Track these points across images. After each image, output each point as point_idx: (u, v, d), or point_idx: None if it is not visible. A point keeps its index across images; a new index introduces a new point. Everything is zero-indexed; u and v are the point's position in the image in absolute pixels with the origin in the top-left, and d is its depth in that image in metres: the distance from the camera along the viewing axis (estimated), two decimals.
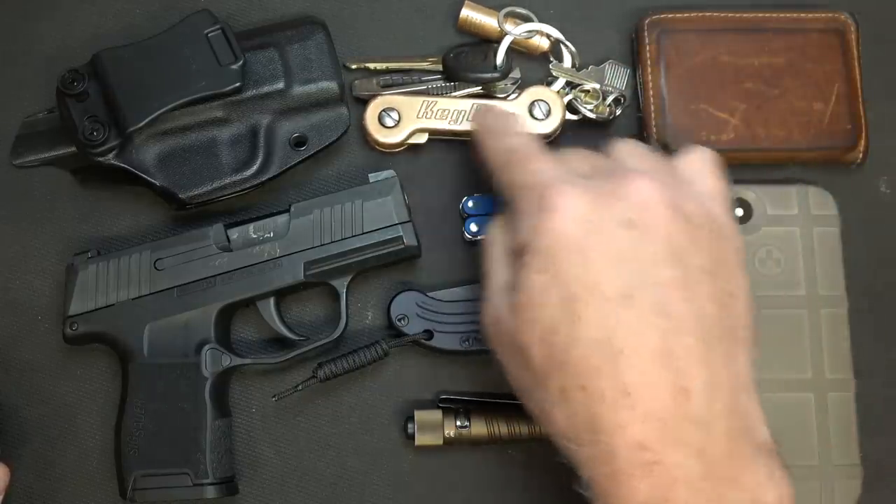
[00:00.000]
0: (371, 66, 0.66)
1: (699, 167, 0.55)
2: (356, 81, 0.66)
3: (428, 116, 0.64)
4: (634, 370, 0.48)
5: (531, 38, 0.66)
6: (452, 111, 0.64)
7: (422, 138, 0.65)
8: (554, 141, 0.65)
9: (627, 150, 0.55)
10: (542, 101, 0.65)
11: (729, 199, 0.55)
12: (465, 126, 0.64)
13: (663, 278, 0.49)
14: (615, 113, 0.66)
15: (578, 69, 0.66)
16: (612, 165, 0.54)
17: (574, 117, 0.66)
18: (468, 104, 0.65)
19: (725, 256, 0.51)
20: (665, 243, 0.50)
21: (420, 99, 0.64)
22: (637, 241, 0.49)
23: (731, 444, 0.48)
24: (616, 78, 0.66)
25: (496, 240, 0.56)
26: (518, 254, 0.52)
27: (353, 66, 0.66)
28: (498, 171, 0.57)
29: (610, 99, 0.66)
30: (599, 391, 0.48)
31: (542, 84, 0.66)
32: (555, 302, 0.49)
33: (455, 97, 0.65)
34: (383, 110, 0.64)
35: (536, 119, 0.65)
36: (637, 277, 0.49)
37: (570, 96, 0.66)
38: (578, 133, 0.66)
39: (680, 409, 0.47)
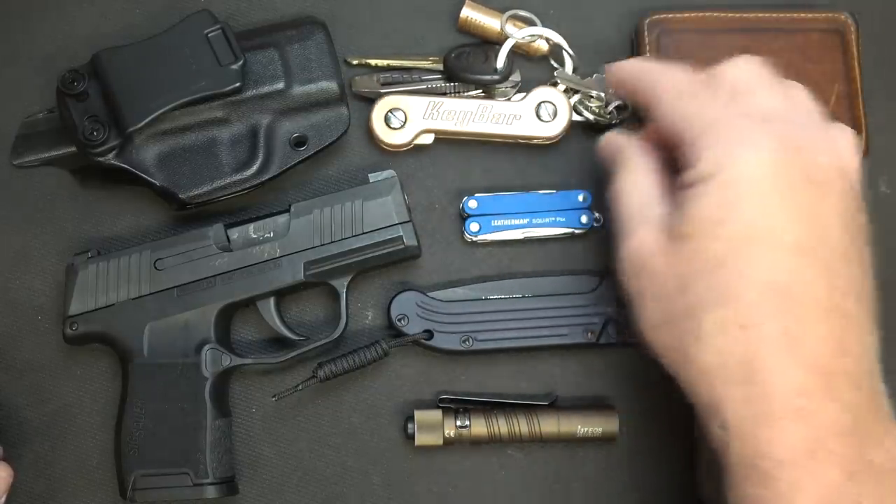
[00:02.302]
0: (372, 62, 0.66)
1: (848, 143, 0.54)
2: (356, 78, 0.66)
3: (434, 117, 0.64)
4: (803, 319, 0.48)
5: (533, 41, 0.66)
6: (459, 112, 0.64)
7: (428, 139, 0.65)
8: (560, 141, 0.65)
9: (802, 97, 0.55)
10: (548, 102, 0.65)
11: None
12: (470, 127, 0.64)
13: (835, 240, 0.50)
14: (617, 119, 0.66)
15: (583, 76, 0.66)
16: (793, 114, 0.53)
17: (578, 118, 0.66)
18: (475, 105, 0.65)
19: (864, 230, 0.53)
20: (840, 206, 0.51)
21: (426, 99, 0.64)
22: (818, 199, 0.50)
23: (875, 405, 0.49)
24: None
25: (640, 183, 0.55)
26: (688, 185, 0.51)
27: (354, 62, 0.66)
28: (675, 99, 0.54)
29: (612, 106, 0.66)
30: (763, 335, 0.48)
31: (545, 85, 0.65)
32: (728, 237, 0.49)
33: (461, 98, 0.65)
34: (389, 111, 0.64)
35: (543, 121, 0.64)
36: (814, 233, 0.49)
37: (574, 99, 0.66)
38: (581, 135, 0.66)
39: (839, 363, 0.48)
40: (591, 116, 0.66)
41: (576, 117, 0.66)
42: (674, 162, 0.54)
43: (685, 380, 0.51)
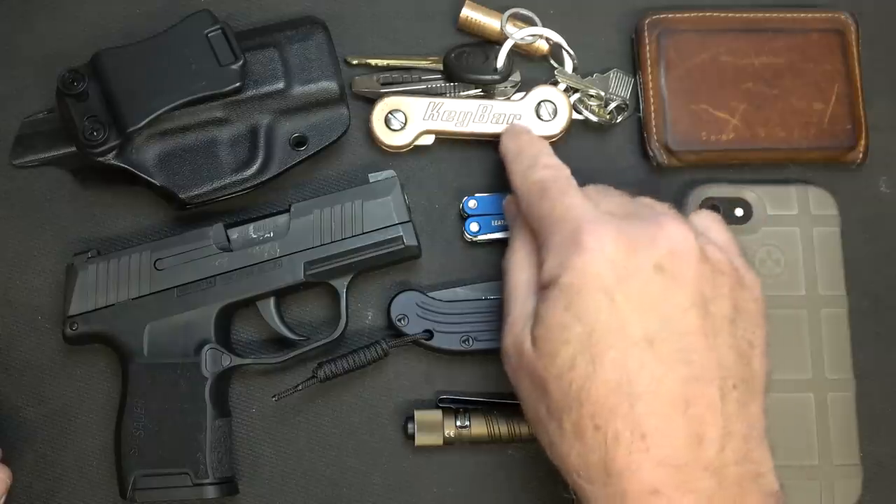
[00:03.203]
0: (371, 61, 0.66)
1: (709, 222, 0.55)
2: (356, 78, 0.66)
3: (434, 118, 0.64)
4: (652, 415, 0.48)
5: (533, 42, 0.66)
6: (458, 113, 0.64)
7: (428, 140, 0.65)
8: (559, 141, 0.65)
9: (649, 200, 0.56)
10: (548, 101, 0.65)
11: (742, 251, 0.55)
12: (470, 128, 0.64)
13: (688, 326, 0.49)
14: (617, 119, 0.66)
15: (583, 76, 0.66)
16: (642, 209, 0.54)
17: (578, 117, 0.66)
18: (475, 105, 0.65)
19: (746, 305, 0.52)
20: (693, 290, 0.50)
21: (426, 100, 0.64)
22: (666, 287, 0.50)
23: (740, 492, 0.48)
24: (620, 86, 0.66)
25: (520, 266, 0.56)
26: (543, 286, 0.52)
27: (354, 62, 0.66)
28: (528, 200, 0.56)
29: (612, 106, 0.66)
30: (614, 432, 0.48)
31: (545, 84, 0.65)
32: (577, 339, 0.49)
33: (461, 98, 0.65)
34: (390, 112, 0.64)
35: (543, 120, 0.64)
36: (663, 323, 0.49)
37: (574, 97, 0.66)
38: (581, 134, 0.66)
39: (694, 456, 0.48)
40: (590, 115, 0.66)
41: (576, 116, 0.66)
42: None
43: (560, 470, 0.52)
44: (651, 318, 0.49)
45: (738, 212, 0.65)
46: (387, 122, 0.64)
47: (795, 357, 0.63)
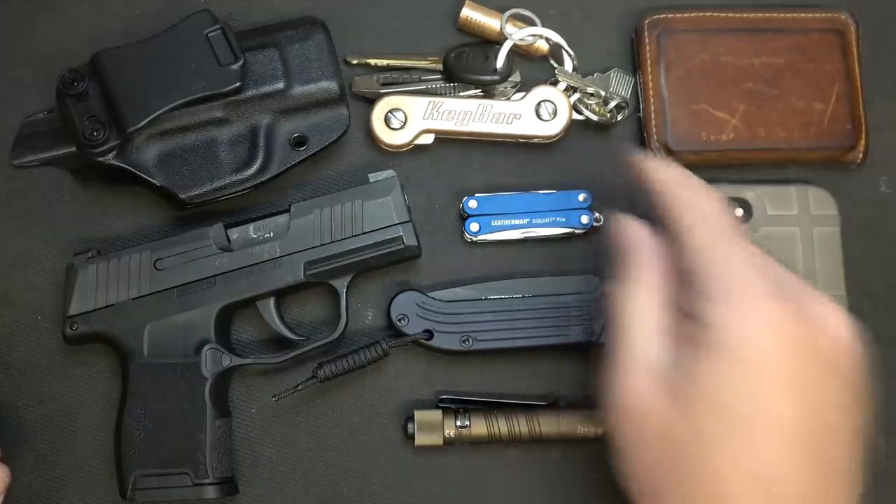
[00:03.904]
0: (371, 61, 0.66)
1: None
2: (356, 78, 0.66)
3: (434, 117, 0.64)
4: None
5: (533, 42, 0.66)
6: (458, 112, 0.64)
7: (428, 139, 0.65)
8: (559, 141, 0.65)
9: (801, 281, 0.52)
10: (548, 101, 0.65)
11: None
12: (470, 127, 0.64)
13: (833, 424, 0.48)
14: (617, 118, 0.66)
15: (583, 75, 0.66)
16: (794, 278, 0.51)
17: (579, 117, 0.66)
18: (475, 105, 0.65)
19: (861, 414, 0.50)
20: (844, 389, 0.48)
21: (426, 99, 0.64)
22: (824, 381, 0.48)
23: None
24: (620, 86, 0.66)
25: (643, 305, 0.51)
26: (698, 342, 0.48)
27: (354, 62, 0.66)
28: (700, 239, 0.50)
29: (612, 105, 0.66)
30: None
31: (545, 84, 0.65)
32: (732, 415, 0.46)
33: (461, 98, 0.65)
34: (389, 111, 0.64)
35: (543, 120, 0.64)
36: (814, 419, 0.47)
37: (574, 97, 0.66)
38: (581, 134, 0.66)
39: None
40: (590, 115, 0.66)
41: (576, 116, 0.66)
42: (685, 291, 0.50)
43: None
44: (806, 412, 0.47)
45: (738, 212, 0.65)
46: (387, 121, 0.64)
47: None
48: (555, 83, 0.66)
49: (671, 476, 0.48)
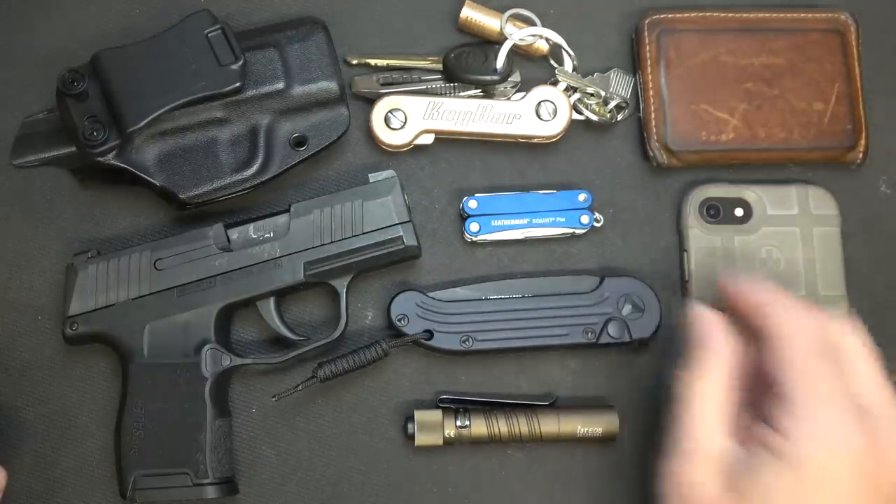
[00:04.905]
0: (371, 61, 0.66)
1: None
2: (355, 78, 0.66)
3: (434, 117, 0.64)
4: None
5: (533, 42, 0.66)
6: (458, 112, 0.64)
7: (428, 139, 0.65)
8: (559, 141, 0.65)
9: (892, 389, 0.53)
10: (548, 101, 0.65)
11: None
12: (470, 127, 0.64)
13: None
14: (617, 118, 0.66)
15: (583, 75, 0.66)
16: (888, 407, 0.52)
17: (579, 117, 0.66)
18: (475, 105, 0.65)
19: None
20: None
21: (426, 99, 0.64)
22: None
23: None
24: (620, 86, 0.66)
25: (710, 396, 0.53)
26: (765, 446, 0.50)
27: (354, 62, 0.66)
28: (786, 357, 0.52)
29: (612, 105, 0.66)
30: None
31: (545, 84, 0.65)
32: None
33: (461, 98, 0.65)
34: (389, 111, 0.64)
35: (543, 120, 0.64)
36: None
37: (574, 97, 0.66)
38: (581, 134, 0.66)
39: None
40: (590, 115, 0.66)
41: (576, 116, 0.66)
42: (757, 395, 0.53)
43: None
44: None
45: (738, 212, 0.65)
46: (387, 121, 0.64)
47: None
48: (555, 83, 0.66)
49: None
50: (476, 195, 0.64)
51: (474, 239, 0.64)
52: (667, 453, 0.53)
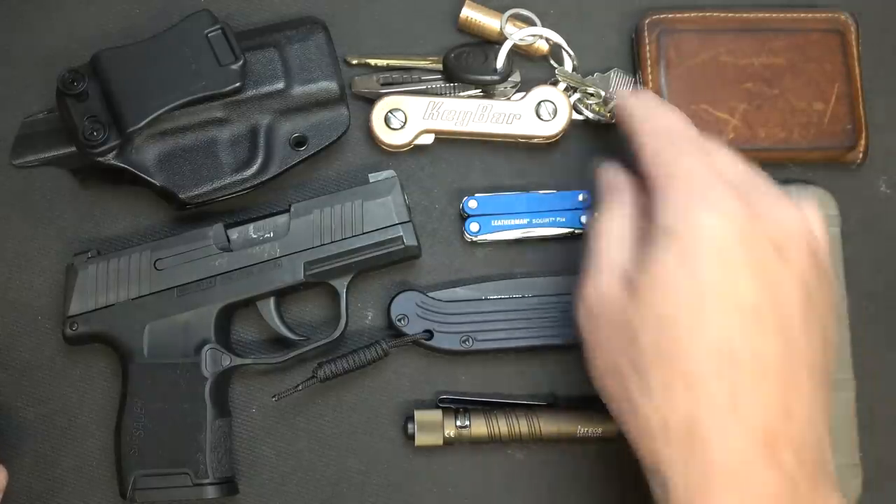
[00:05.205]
0: (371, 61, 0.66)
1: (815, 219, 0.54)
2: (355, 78, 0.66)
3: (434, 117, 0.64)
4: (748, 384, 0.48)
5: (533, 42, 0.66)
6: (458, 112, 0.64)
7: (428, 139, 0.65)
8: (559, 141, 0.65)
9: (765, 178, 0.54)
10: (548, 101, 0.65)
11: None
12: (470, 127, 0.64)
13: (793, 309, 0.49)
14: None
15: (583, 75, 0.66)
16: (762, 185, 0.53)
17: (579, 117, 0.66)
18: (475, 105, 0.65)
19: (830, 305, 0.52)
20: (801, 276, 0.50)
21: (426, 99, 0.64)
22: (780, 266, 0.49)
23: (815, 474, 0.48)
24: (620, 86, 0.66)
25: (615, 223, 0.54)
26: (651, 236, 0.51)
27: (354, 62, 0.66)
28: (654, 146, 0.54)
29: (612, 105, 0.66)
30: (708, 396, 0.47)
31: (545, 84, 0.65)
32: (684, 295, 0.49)
33: (461, 98, 0.65)
34: (389, 111, 0.64)
35: (543, 120, 0.64)
36: (771, 297, 0.49)
37: (574, 97, 0.66)
38: (581, 134, 0.66)
39: (782, 428, 0.48)
40: (590, 115, 0.66)
41: (575, 116, 0.66)
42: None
43: (628, 433, 0.51)
44: (762, 292, 0.49)
45: None
46: (387, 121, 0.64)
47: None
48: (555, 83, 0.66)
49: (636, 364, 0.50)
50: (476, 195, 0.64)
51: (474, 239, 0.64)
52: (578, 284, 0.54)
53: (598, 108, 0.66)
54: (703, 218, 0.49)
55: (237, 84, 0.60)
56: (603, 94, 0.66)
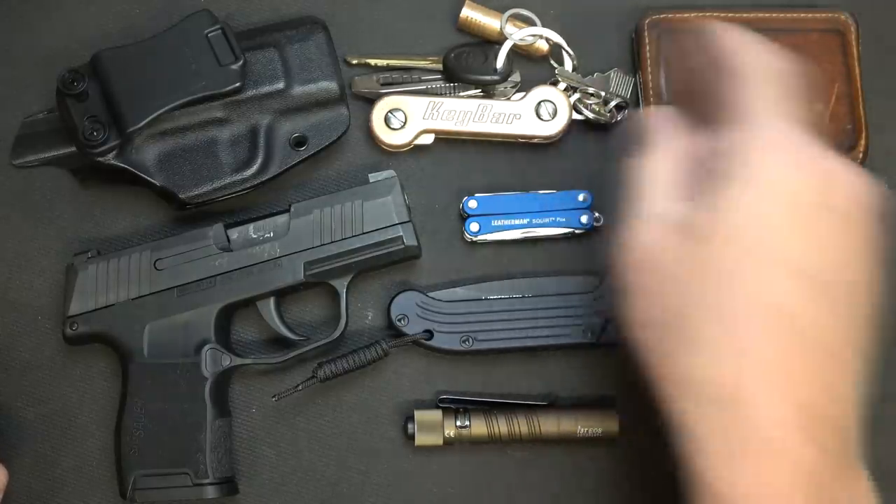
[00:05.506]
0: (371, 61, 0.66)
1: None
2: (355, 78, 0.66)
3: (434, 117, 0.64)
4: (800, 354, 0.45)
5: (533, 42, 0.66)
6: (458, 112, 0.64)
7: (428, 139, 0.65)
8: (559, 141, 0.65)
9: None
10: (548, 101, 0.65)
11: None
12: (470, 127, 0.64)
13: (849, 280, 0.47)
14: (617, 118, 0.66)
15: (583, 75, 0.66)
16: (826, 148, 0.49)
17: (579, 117, 0.66)
18: (475, 105, 0.65)
19: (879, 280, 0.49)
20: (861, 245, 0.47)
21: (426, 99, 0.64)
22: (840, 231, 0.47)
23: (849, 455, 0.47)
24: (621, 86, 0.66)
25: (666, 158, 0.50)
26: (718, 185, 0.47)
27: (354, 62, 0.66)
28: (746, 92, 0.49)
29: (612, 105, 0.66)
30: (760, 361, 0.45)
31: (545, 84, 0.65)
32: (746, 251, 0.46)
33: (461, 98, 0.65)
34: (389, 111, 0.64)
35: (543, 120, 0.64)
36: (831, 267, 0.46)
37: (574, 97, 0.66)
38: (581, 134, 0.66)
39: (825, 406, 0.46)
40: (590, 115, 0.66)
41: (576, 116, 0.66)
42: (703, 152, 0.50)
43: (661, 387, 0.48)
44: (823, 259, 0.46)
45: None
46: (387, 120, 0.64)
47: None
48: (555, 83, 0.66)
49: (684, 317, 0.47)
50: (476, 195, 0.65)
51: (474, 239, 0.64)
52: (616, 230, 0.50)
53: (598, 108, 0.66)
54: (777, 164, 0.46)
55: (237, 84, 0.60)
56: (603, 94, 0.66)
